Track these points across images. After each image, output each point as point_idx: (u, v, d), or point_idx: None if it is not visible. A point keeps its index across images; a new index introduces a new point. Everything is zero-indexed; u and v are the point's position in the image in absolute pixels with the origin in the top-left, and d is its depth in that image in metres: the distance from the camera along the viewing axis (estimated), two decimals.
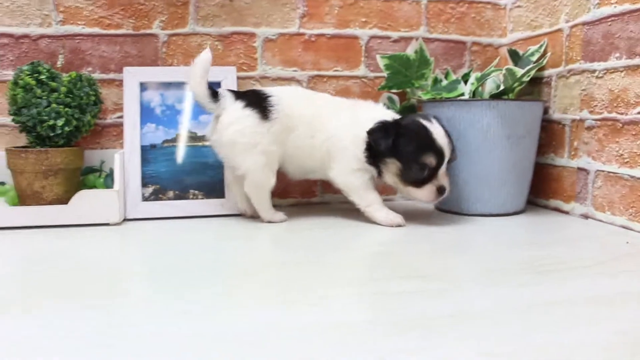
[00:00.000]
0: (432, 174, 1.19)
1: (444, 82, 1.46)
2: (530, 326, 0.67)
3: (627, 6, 1.19)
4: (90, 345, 0.61)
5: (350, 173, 1.26)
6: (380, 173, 1.25)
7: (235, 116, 1.23)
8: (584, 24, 1.32)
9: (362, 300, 0.79)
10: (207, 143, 1.39)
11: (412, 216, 1.35)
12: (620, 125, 1.22)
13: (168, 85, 1.42)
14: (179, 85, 1.42)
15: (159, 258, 1.05)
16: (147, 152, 1.39)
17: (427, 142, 1.18)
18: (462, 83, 1.42)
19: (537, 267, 0.94)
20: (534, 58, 1.42)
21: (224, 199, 1.39)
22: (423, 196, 1.21)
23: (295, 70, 1.49)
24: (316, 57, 1.50)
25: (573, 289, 0.82)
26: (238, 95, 1.26)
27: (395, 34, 1.54)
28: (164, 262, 1.01)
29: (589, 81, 1.31)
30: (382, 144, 1.18)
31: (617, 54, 1.23)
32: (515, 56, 1.48)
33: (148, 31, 1.42)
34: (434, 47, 1.58)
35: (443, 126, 1.22)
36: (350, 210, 1.35)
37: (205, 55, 1.21)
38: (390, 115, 1.26)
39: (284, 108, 1.25)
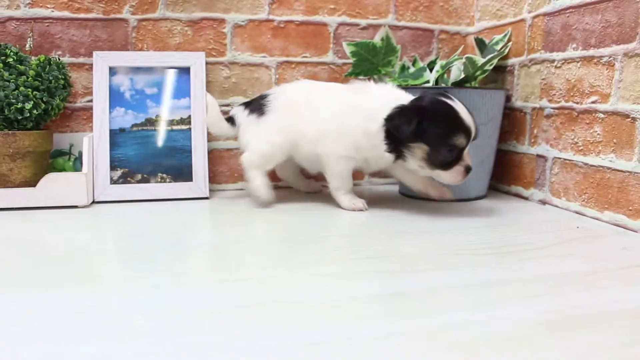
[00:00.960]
0: (460, 154, 1.16)
1: (411, 69, 1.49)
2: (474, 303, 0.71)
3: None
4: (59, 323, 0.64)
5: (336, 158, 1.26)
6: (400, 157, 1.20)
7: (245, 124, 1.35)
8: (545, 14, 1.35)
9: (311, 280, 0.82)
10: (175, 127, 1.41)
11: (377, 201, 1.38)
12: (576, 114, 1.26)
13: (137, 69, 1.43)
14: (149, 69, 1.44)
15: (125, 239, 1.08)
16: (116, 136, 1.41)
17: (456, 123, 1.14)
18: (428, 70, 1.45)
19: (490, 250, 0.98)
20: (498, 47, 1.46)
21: (192, 182, 1.41)
22: (452, 178, 1.17)
23: (264, 56, 1.51)
24: (285, 43, 1.52)
25: (519, 270, 0.86)
26: (245, 105, 1.38)
27: (363, 22, 1.57)
28: (131, 243, 1.04)
29: (549, 71, 1.34)
30: (405, 130, 1.13)
31: (574, 45, 1.26)
32: (481, 45, 1.51)
33: (118, 16, 1.43)
34: (402, 35, 1.60)
35: (463, 104, 1.17)
36: (317, 195, 1.38)
37: (211, 100, 1.41)
38: (404, 96, 1.21)
39: (282, 100, 1.32)
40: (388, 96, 1.21)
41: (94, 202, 1.36)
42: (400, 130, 1.14)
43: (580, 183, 1.25)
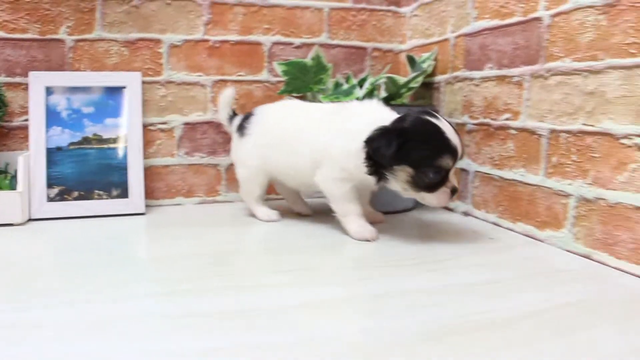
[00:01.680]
0: (446, 176, 1.09)
1: (345, 86, 1.54)
2: (367, 312, 0.77)
3: (497, 21, 1.30)
4: None
5: (332, 182, 1.20)
6: (382, 180, 1.13)
7: (234, 136, 1.40)
8: (466, 35, 1.42)
9: (221, 293, 0.87)
10: (112, 145, 1.44)
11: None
12: (492, 130, 1.33)
13: (74, 89, 1.46)
14: (86, 89, 1.47)
15: (59, 254, 1.11)
16: (53, 154, 1.43)
17: (442, 143, 1.06)
18: (358, 87, 1.50)
19: (402, 261, 1.04)
20: (426, 64, 1.52)
21: (128, 198, 1.45)
22: (438, 200, 1.10)
23: (199, 75, 1.56)
24: (220, 62, 1.57)
25: (424, 281, 0.92)
26: (242, 117, 1.41)
27: (297, 40, 1.62)
28: (65, 257, 1.08)
29: (470, 88, 1.41)
30: (386, 154, 1.06)
31: (490, 65, 1.33)
32: (412, 62, 1.58)
33: (54, 36, 1.46)
34: (336, 53, 1.66)
35: (448, 121, 1.11)
36: (245, 210, 1.43)
37: (228, 90, 1.45)
38: (387, 115, 1.14)
39: (261, 125, 1.33)
40: (372, 116, 1.14)
41: (30, 219, 1.38)
42: (379, 154, 1.07)
43: (496, 196, 1.32)
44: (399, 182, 1.11)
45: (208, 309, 0.80)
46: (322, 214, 1.42)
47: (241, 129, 1.36)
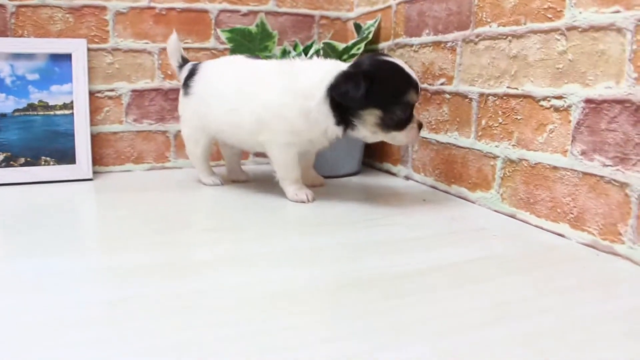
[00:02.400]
0: (411, 112, 1.12)
1: (293, 53, 1.56)
2: (285, 263, 0.81)
3: None
4: None
5: (277, 146, 1.20)
6: (349, 128, 1.13)
7: (181, 90, 1.38)
8: (406, 2, 1.45)
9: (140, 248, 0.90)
10: (58, 112, 1.45)
11: (258, 179, 1.47)
12: (429, 95, 1.37)
13: (18, 56, 1.46)
14: (30, 56, 1.47)
15: (8, 222, 1.12)
16: None
17: (406, 80, 1.09)
18: (304, 54, 1.53)
19: (329, 221, 1.08)
20: (369, 31, 1.55)
21: (75, 164, 1.46)
22: (408, 137, 1.13)
23: (146, 43, 1.57)
24: (167, 30, 1.57)
25: (351, 238, 0.97)
26: (189, 70, 1.37)
27: (244, 8, 1.63)
28: (9, 222, 1.10)
29: (409, 54, 1.44)
30: (356, 96, 1.05)
31: (427, 31, 1.36)
32: (358, 29, 1.60)
33: None
34: (283, 21, 1.68)
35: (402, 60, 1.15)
36: (193, 176, 1.46)
37: (172, 36, 1.41)
38: (339, 66, 1.14)
39: (204, 81, 1.30)
40: (323, 68, 1.14)
41: None
42: (349, 97, 1.07)
43: (434, 159, 1.36)
44: (367, 126, 1.12)
45: (136, 262, 0.84)
46: (264, 181, 1.45)
47: (185, 86, 1.34)
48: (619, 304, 0.71)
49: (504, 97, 1.11)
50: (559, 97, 0.98)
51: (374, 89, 1.06)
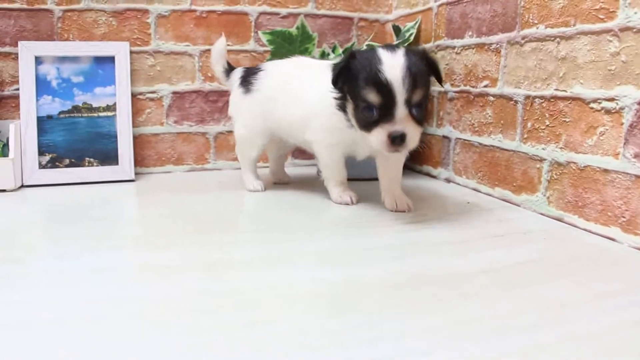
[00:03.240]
0: (385, 115, 0.97)
1: (332, 55, 1.57)
2: (331, 263, 0.81)
3: None
4: None
5: (323, 147, 1.19)
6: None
7: (234, 92, 1.35)
8: (447, 3, 1.44)
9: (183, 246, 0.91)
10: (102, 114, 1.48)
11: (298, 181, 1.47)
12: (472, 97, 1.36)
13: (63, 59, 1.49)
14: (75, 59, 1.49)
15: (51, 219, 1.15)
16: (44, 123, 1.47)
17: (372, 75, 0.96)
18: None
19: (371, 222, 1.08)
20: (409, 33, 1.54)
21: (118, 165, 1.48)
22: (375, 142, 0.99)
23: (187, 45, 1.58)
24: (207, 32, 1.59)
25: (387, 239, 0.96)
26: (244, 72, 1.35)
27: (284, 11, 1.64)
28: (55, 219, 1.13)
29: (451, 56, 1.43)
30: (331, 79, 1.03)
31: (470, 33, 1.35)
32: (397, 31, 1.60)
33: (43, 6, 1.48)
34: (322, 23, 1.68)
35: (412, 59, 0.98)
36: (233, 177, 1.47)
37: (220, 40, 1.39)
38: None
39: (269, 79, 1.28)
40: None
41: (22, 186, 1.42)
42: (331, 79, 1.04)
43: (476, 162, 1.35)
44: (351, 119, 1.06)
45: (176, 260, 0.85)
46: (306, 182, 1.45)
47: (246, 84, 1.31)
48: None
49: (552, 100, 1.10)
50: (611, 99, 0.97)
51: (347, 78, 1.02)
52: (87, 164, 1.48)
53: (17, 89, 1.48)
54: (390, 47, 1.01)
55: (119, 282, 0.77)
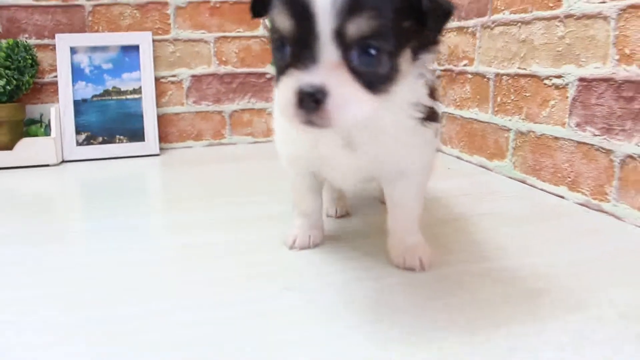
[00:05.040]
0: (298, 55, 0.58)
1: None
2: None
3: None
4: (33, 270, 0.85)
5: (281, 158, 0.84)
6: None
7: None
8: None
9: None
10: (129, 96, 1.68)
11: None
12: (454, 75, 1.52)
13: (95, 48, 1.69)
14: (104, 48, 1.70)
15: (90, 187, 1.36)
16: (80, 105, 1.68)
17: None
18: None
19: None
20: None
21: (144, 142, 1.69)
22: (279, 97, 0.61)
23: (203, 33, 1.77)
24: (221, 21, 1.77)
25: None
26: None
27: None
28: (94, 191, 1.35)
29: None
30: (250, 5, 0.69)
31: (452, 17, 1.51)
32: None
33: (76, 2, 1.68)
34: None
35: None
36: (246, 149, 1.67)
37: None
38: None
39: None
40: None
41: (63, 161, 1.63)
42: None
43: (459, 133, 1.52)
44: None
45: (197, 218, 1.05)
46: None
47: None
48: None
49: (515, 77, 1.26)
50: (559, 77, 1.13)
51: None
52: (117, 141, 1.68)
53: (55, 76, 1.69)
54: None
55: (151, 236, 0.98)
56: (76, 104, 1.67)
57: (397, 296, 0.70)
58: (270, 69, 1.82)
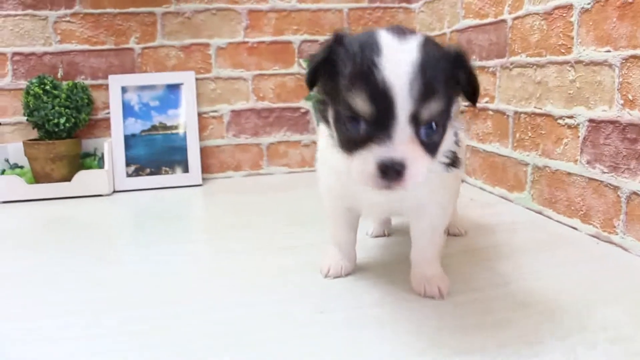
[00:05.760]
0: (377, 132, 0.65)
1: None
2: None
3: (478, 21, 1.58)
4: (91, 282, 0.99)
5: (320, 187, 0.93)
6: None
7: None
8: (457, 31, 1.71)
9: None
10: (174, 131, 1.83)
11: None
12: (477, 111, 1.62)
13: (143, 87, 1.85)
14: (152, 87, 1.85)
15: (139, 215, 1.51)
16: (129, 140, 1.83)
17: (363, 70, 0.65)
18: None
19: None
20: None
21: (188, 173, 1.83)
22: (355, 172, 0.68)
23: (242, 71, 1.91)
24: (258, 59, 1.91)
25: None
26: None
27: (322, 38, 1.94)
28: (143, 217, 1.49)
29: None
30: (306, 76, 0.74)
31: (474, 56, 1.62)
32: None
33: (126, 46, 1.84)
34: None
35: (431, 54, 0.67)
36: (282, 180, 1.79)
37: None
38: None
39: None
40: None
41: (114, 191, 1.78)
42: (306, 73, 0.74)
43: (481, 165, 1.62)
44: (333, 137, 0.75)
45: (236, 246, 1.17)
46: None
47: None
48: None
49: (532, 115, 1.36)
50: (571, 117, 1.22)
51: (329, 74, 0.71)
52: (163, 172, 1.83)
53: (108, 113, 1.84)
54: (399, 31, 0.69)
55: (193, 263, 1.10)
56: (126, 138, 1.82)
57: (414, 319, 0.80)
58: (304, 104, 1.94)
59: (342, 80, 0.68)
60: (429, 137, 0.68)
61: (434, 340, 0.74)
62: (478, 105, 0.89)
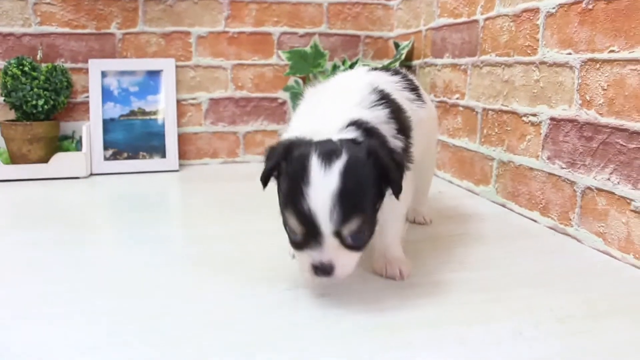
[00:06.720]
0: (309, 241, 0.77)
1: (341, 68, 1.91)
2: None
3: (452, 20, 1.63)
4: (65, 265, 1.01)
5: None
6: None
7: None
8: (432, 28, 1.76)
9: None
10: (152, 117, 1.85)
11: None
12: (448, 106, 1.68)
13: (123, 73, 1.87)
14: (132, 72, 1.87)
15: (115, 198, 1.53)
16: (108, 124, 1.85)
17: (293, 197, 0.75)
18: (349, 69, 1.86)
19: None
20: (404, 51, 1.87)
21: (165, 158, 1.86)
22: (300, 266, 0.81)
23: (222, 60, 1.94)
24: (238, 49, 1.94)
25: None
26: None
27: (301, 30, 1.99)
28: (118, 200, 1.52)
29: (434, 73, 1.76)
30: (261, 177, 0.83)
31: (447, 54, 1.67)
32: (397, 47, 1.93)
33: (107, 31, 1.86)
34: (334, 40, 2.02)
35: (353, 174, 0.75)
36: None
37: None
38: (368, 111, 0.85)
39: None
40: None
41: (91, 174, 1.81)
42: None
43: (451, 159, 1.68)
44: None
45: (210, 231, 1.21)
46: None
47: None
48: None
49: (499, 112, 1.42)
50: (534, 115, 1.28)
51: (278, 178, 0.83)
52: (141, 157, 1.85)
53: (87, 97, 1.86)
54: (328, 155, 0.75)
55: (168, 246, 1.14)
56: (105, 122, 1.84)
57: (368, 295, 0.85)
58: (281, 95, 1.98)
59: (282, 197, 0.80)
60: (357, 240, 0.78)
61: (390, 316, 0.79)
62: (449, 100, 1.06)
